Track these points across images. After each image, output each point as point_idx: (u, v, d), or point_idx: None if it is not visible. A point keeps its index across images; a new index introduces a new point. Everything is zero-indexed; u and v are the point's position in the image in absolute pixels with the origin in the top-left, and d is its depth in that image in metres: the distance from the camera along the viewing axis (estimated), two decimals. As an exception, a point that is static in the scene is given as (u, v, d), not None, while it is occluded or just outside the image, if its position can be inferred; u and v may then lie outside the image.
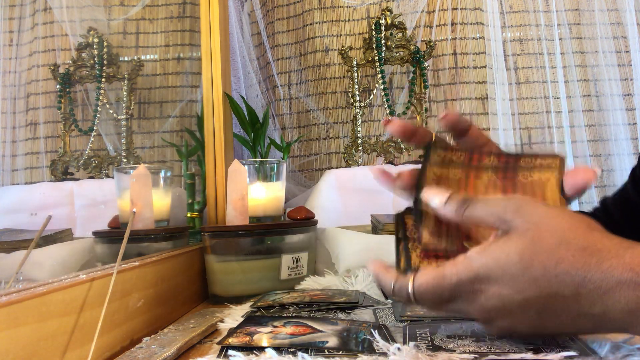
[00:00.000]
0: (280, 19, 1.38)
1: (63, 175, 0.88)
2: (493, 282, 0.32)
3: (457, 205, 0.36)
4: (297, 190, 1.25)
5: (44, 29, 0.93)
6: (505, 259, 0.31)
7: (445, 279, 0.34)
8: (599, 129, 1.28)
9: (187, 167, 0.92)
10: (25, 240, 0.64)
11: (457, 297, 0.34)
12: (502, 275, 0.31)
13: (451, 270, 0.33)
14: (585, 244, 0.30)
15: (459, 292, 0.33)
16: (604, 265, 0.29)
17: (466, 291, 0.33)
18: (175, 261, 0.59)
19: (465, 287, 0.33)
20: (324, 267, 0.79)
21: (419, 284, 0.35)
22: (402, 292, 0.36)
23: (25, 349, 0.30)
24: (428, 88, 1.24)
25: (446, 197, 0.37)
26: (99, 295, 0.39)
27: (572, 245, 0.30)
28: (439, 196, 0.37)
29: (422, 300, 0.35)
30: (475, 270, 0.32)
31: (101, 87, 0.92)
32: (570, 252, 0.30)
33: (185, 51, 1.07)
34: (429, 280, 0.34)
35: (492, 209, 0.34)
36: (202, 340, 0.45)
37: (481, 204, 0.35)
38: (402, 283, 0.36)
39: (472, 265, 0.33)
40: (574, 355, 0.33)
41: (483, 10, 1.31)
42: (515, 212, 0.33)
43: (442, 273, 0.34)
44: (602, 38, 1.29)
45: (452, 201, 0.36)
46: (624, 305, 0.29)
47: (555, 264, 0.30)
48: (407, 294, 0.35)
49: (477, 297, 0.33)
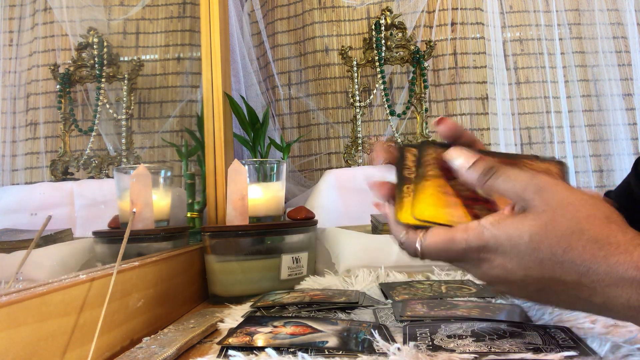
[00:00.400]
0: (280, 19, 1.38)
1: (63, 175, 0.88)
2: (500, 254, 0.33)
3: (481, 171, 0.36)
4: (297, 190, 1.25)
5: (44, 29, 0.93)
6: (518, 236, 0.32)
7: (454, 243, 0.34)
8: (599, 129, 1.28)
9: (187, 167, 0.92)
10: (25, 240, 0.64)
11: (463, 259, 0.35)
12: (510, 251, 0.32)
13: (462, 235, 0.34)
14: (599, 236, 0.30)
15: (465, 256, 0.34)
16: (611, 259, 0.29)
17: (472, 258, 0.34)
18: (175, 261, 0.59)
19: (472, 254, 0.34)
20: (324, 267, 0.79)
21: (428, 244, 0.36)
22: (409, 248, 0.37)
23: (25, 349, 0.30)
24: (428, 88, 1.24)
25: (472, 161, 0.36)
26: (99, 295, 0.39)
27: (585, 236, 0.30)
28: (464, 158, 0.37)
29: (428, 257, 0.36)
30: (485, 240, 0.33)
31: (101, 87, 0.92)
32: (582, 243, 0.30)
33: (185, 51, 1.07)
34: (437, 241, 0.35)
35: (514, 183, 0.34)
36: (202, 340, 0.45)
37: (504, 177, 0.35)
38: (411, 239, 0.37)
39: (483, 235, 0.33)
40: (574, 355, 0.33)
41: (483, 10, 1.31)
42: (536, 192, 0.33)
43: (452, 236, 0.34)
44: (602, 38, 1.29)
45: (477, 166, 0.36)
46: (625, 301, 0.29)
47: (563, 251, 0.30)
48: (415, 250, 0.37)
49: (482, 264, 0.34)
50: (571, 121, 1.28)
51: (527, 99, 1.30)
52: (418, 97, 1.19)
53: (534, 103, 1.30)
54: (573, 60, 1.30)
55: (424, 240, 0.36)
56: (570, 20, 1.31)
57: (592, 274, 0.29)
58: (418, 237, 0.36)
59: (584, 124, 1.28)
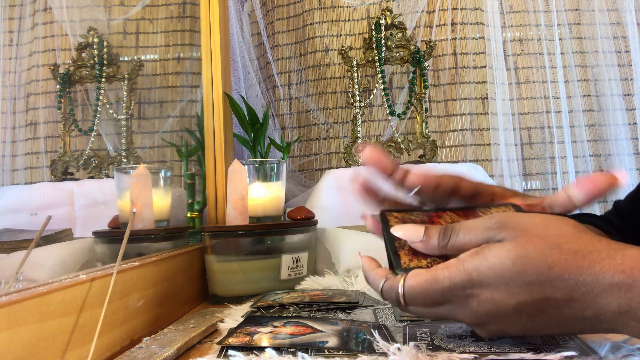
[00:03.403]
0: (280, 19, 1.38)
1: (63, 175, 0.88)
2: (486, 287, 0.31)
3: (437, 237, 0.35)
4: (297, 190, 1.25)
5: (44, 29, 0.93)
6: (500, 263, 0.31)
7: (437, 282, 0.33)
8: (599, 129, 1.29)
9: (187, 167, 0.92)
10: (25, 240, 0.64)
11: (449, 301, 0.33)
12: (495, 280, 0.31)
13: (444, 273, 0.33)
14: (576, 247, 0.30)
15: (451, 295, 0.33)
16: (596, 267, 0.29)
17: (458, 295, 0.32)
18: (175, 261, 0.59)
19: (457, 291, 0.32)
20: (324, 267, 0.79)
21: (410, 286, 0.34)
22: (391, 293, 0.35)
23: (25, 349, 0.30)
24: (428, 88, 1.24)
25: (422, 232, 0.36)
26: (99, 295, 0.39)
27: (564, 249, 0.30)
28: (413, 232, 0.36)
29: (412, 303, 0.34)
30: (468, 272, 0.32)
31: (101, 87, 0.92)
32: (563, 256, 0.30)
33: (185, 51, 1.07)
34: (420, 282, 0.33)
35: (476, 231, 0.33)
36: (202, 340, 0.45)
37: (464, 230, 0.34)
38: (391, 284, 0.35)
39: (465, 268, 0.32)
40: (574, 355, 0.33)
41: (483, 10, 1.31)
42: (500, 228, 0.32)
43: (435, 276, 0.33)
44: (602, 38, 1.29)
45: (431, 235, 0.35)
46: (615, 307, 0.29)
47: (547, 268, 0.30)
48: (397, 295, 0.34)
49: (469, 301, 0.32)
50: (571, 121, 1.28)
51: (527, 99, 1.30)
52: (418, 97, 1.19)
53: (534, 103, 1.30)
54: (573, 60, 1.30)
55: (406, 283, 0.34)
56: (570, 20, 1.31)
57: (580, 285, 0.29)
58: (399, 282, 0.34)
59: (584, 124, 1.28)
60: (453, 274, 0.32)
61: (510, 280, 0.31)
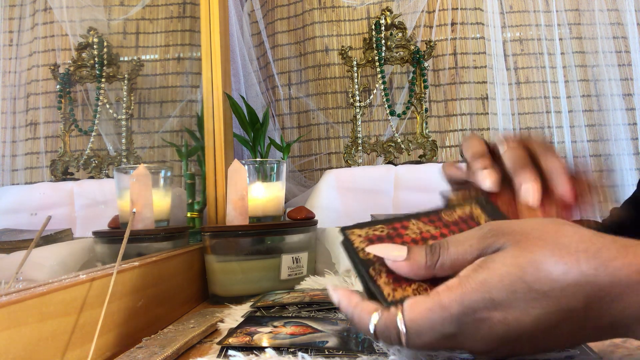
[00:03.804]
0: (280, 19, 1.38)
1: (63, 175, 0.88)
2: (497, 307, 0.27)
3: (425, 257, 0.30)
4: (297, 190, 1.25)
5: (44, 29, 0.93)
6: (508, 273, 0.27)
7: (444, 309, 0.27)
8: (599, 129, 1.28)
9: (187, 167, 0.92)
10: (25, 240, 0.64)
11: (458, 329, 0.28)
12: (507, 296, 0.26)
13: (448, 296, 0.27)
14: (583, 245, 0.27)
15: (460, 321, 0.27)
16: (609, 268, 0.25)
17: (467, 322, 0.27)
18: (175, 261, 0.59)
19: (467, 316, 0.27)
20: (324, 267, 0.79)
21: (411, 320, 0.28)
22: (388, 333, 0.29)
23: (25, 349, 0.30)
24: (428, 88, 1.24)
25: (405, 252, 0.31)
26: (99, 295, 0.39)
27: (572, 248, 0.26)
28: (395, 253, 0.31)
29: (418, 340, 0.28)
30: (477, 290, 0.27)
31: (101, 87, 0.92)
32: (574, 257, 0.26)
33: (185, 51, 1.07)
34: (423, 313, 0.28)
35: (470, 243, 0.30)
36: (202, 340, 0.45)
37: (453, 244, 0.30)
38: (387, 321, 0.29)
39: (472, 287, 0.27)
40: (574, 355, 0.33)
41: (483, 10, 1.31)
42: (496, 234, 0.29)
43: (438, 301, 0.28)
44: (602, 38, 1.29)
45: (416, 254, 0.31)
46: (634, 311, 0.25)
47: (563, 273, 0.26)
48: (398, 334, 0.28)
49: (480, 327, 0.27)
50: (571, 121, 1.28)
51: (527, 99, 1.30)
52: (418, 97, 1.19)
53: (534, 103, 1.30)
54: (573, 60, 1.30)
55: (405, 317, 0.28)
56: (570, 20, 1.31)
57: (598, 290, 0.25)
58: (397, 317, 0.28)
59: (584, 124, 1.28)
60: (460, 295, 0.27)
61: (524, 294, 0.26)
